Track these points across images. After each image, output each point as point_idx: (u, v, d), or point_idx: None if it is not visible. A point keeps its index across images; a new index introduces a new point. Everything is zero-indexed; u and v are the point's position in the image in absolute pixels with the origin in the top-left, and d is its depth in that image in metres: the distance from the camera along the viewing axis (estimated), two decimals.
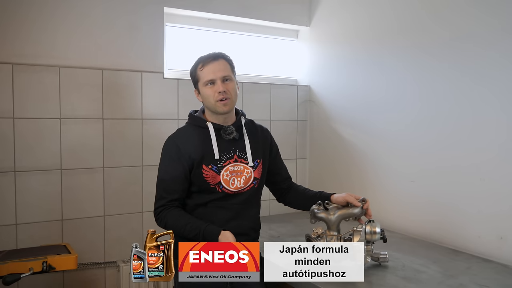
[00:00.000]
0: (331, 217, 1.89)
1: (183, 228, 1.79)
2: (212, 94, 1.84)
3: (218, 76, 1.84)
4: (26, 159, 2.39)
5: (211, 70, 1.84)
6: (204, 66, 1.85)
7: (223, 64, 1.87)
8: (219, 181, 1.85)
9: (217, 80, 1.84)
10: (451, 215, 2.27)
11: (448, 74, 2.28)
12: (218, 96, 1.83)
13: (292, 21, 3.22)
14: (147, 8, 2.67)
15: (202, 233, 1.76)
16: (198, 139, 1.86)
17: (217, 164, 1.85)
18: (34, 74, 2.39)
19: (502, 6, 2.05)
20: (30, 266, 1.92)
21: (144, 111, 2.69)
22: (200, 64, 1.87)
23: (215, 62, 1.85)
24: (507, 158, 2.03)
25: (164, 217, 1.82)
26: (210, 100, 1.85)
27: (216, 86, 1.84)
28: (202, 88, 1.87)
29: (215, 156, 1.84)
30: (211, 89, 1.84)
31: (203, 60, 1.87)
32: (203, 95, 1.88)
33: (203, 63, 1.86)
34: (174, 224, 1.80)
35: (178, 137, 1.90)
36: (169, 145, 1.89)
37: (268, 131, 2.07)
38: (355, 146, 2.87)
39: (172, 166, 1.85)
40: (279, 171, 2.09)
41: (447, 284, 1.72)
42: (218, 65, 1.85)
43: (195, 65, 1.90)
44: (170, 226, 1.79)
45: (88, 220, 2.56)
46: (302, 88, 3.28)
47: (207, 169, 1.83)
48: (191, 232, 1.78)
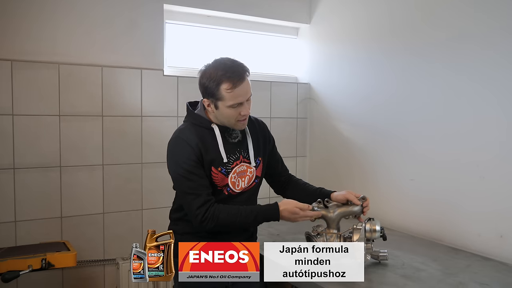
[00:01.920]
0: (331, 215, 1.89)
1: (237, 215, 1.73)
2: (235, 116, 1.74)
3: (245, 98, 1.74)
4: (26, 156, 2.38)
5: (240, 93, 1.70)
6: (234, 89, 1.68)
7: (248, 83, 1.73)
8: (227, 183, 1.82)
9: (244, 102, 1.72)
10: (451, 213, 2.27)
11: (447, 72, 2.28)
12: (241, 117, 1.75)
13: (293, 19, 3.21)
14: (147, 5, 2.66)
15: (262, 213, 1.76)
16: (204, 140, 1.78)
17: (226, 166, 1.80)
18: (33, 71, 2.38)
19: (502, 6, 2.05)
20: (29, 263, 1.92)
21: (143, 108, 2.68)
22: (227, 84, 1.68)
23: (243, 83, 1.70)
24: (507, 156, 2.03)
25: (213, 212, 1.71)
26: (230, 119, 1.76)
27: (242, 108, 1.73)
28: (224, 108, 1.72)
29: (224, 159, 1.79)
30: (236, 110, 1.72)
31: (232, 79, 1.68)
32: (223, 113, 1.74)
33: (233, 84, 1.68)
34: (227, 215, 1.73)
35: (186, 137, 1.77)
36: (182, 145, 1.76)
37: (265, 124, 2.01)
38: (355, 144, 2.87)
39: (196, 166, 1.74)
40: (276, 163, 2.06)
41: (447, 282, 1.72)
42: (246, 86, 1.72)
43: (217, 81, 1.69)
44: (223, 219, 1.72)
45: (87, 218, 2.55)
46: (302, 86, 3.28)
47: (216, 172, 1.78)
48: (248, 216, 1.74)
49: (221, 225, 1.72)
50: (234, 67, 1.71)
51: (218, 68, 1.71)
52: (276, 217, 1.79)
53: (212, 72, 1.71)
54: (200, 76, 1.76)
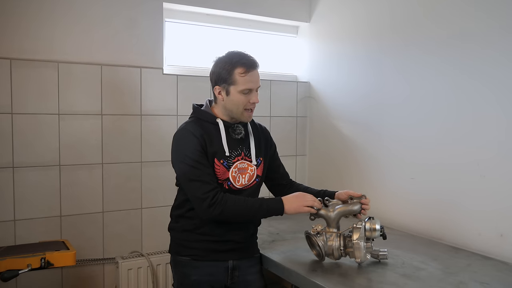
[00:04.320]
0: (331, 214, 1.88)
1: (244, 204, 1.77)
2: (244, 102, 1.81)
3: (256, 86, 1.82)
4: (25, 155, 2.38)
5: (253, 79, 1.80)
6: (247, 73, 1.78)
7: (258, 74, 1.84)
8: (228, 177, 1.85)
9: (254, 90, 1.81)
10: (451, 212, 2.26)
11: (447, 70, 2.27)
12: (250, 105, 1.82)
13: (292, 17, 3.21)
14: (146, 4, 2.65)
15: (266, 201, 1.81)
16: (209, 133, 1.83)
17: (228, 160, 1.84)
18: (32, 70, 2.38)
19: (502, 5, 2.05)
20: (28, 262, 1.91)
21: (143, 107, 2.68)
22: (242, 68, 1.78)
23: (255, 71, 1.82)
24: (508, 155, 2.02)
25: (222, 197, 1.74)
26: (239, 107, 1.82)
27: (252, 96, 1.81)
28: (235, 93, 1.79)
29: (226, 152, 1.83)
30: (246, 97, 1.80)
31: (246, 66, 1.79)
32: (233, 99, 1.81)
33: (247, 68, 1.78)
34: (234, 203, 1.76)
35: (192, 129, 1.82)
36: (188, 136, 1.80)
37: (267, 129, 2.08)
38: (355, 143, 2.87)
39: (201, 156, 1.78)
40: (278, 168, 2.11)
41: (447, 281, 1.71)
42: (257, 75, 1.83)
43: (232, 65, 1.78)
44: (230, 206, 1.74)
45: (86, 216, 2.55)
46: (302, 85, 3.27)
47: (218, 164, 1.82)
48: (253, 205, 1.78)
49: (227, 212, 1.74)
50: (248, 56, 1.83)
51: (233, 56, 1.82)
52: (280, 205, 1.82)
53: (227, 60, 1.81)
54: (214, 65, 1.86)
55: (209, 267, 1.88)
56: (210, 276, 1.88)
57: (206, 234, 1.87)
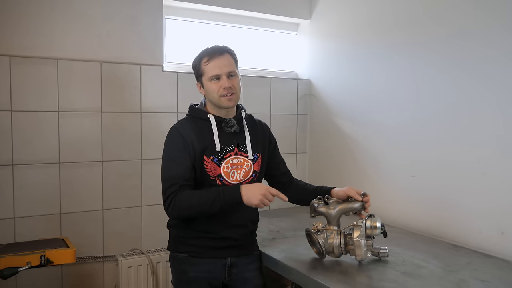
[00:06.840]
0: (331, 211, 1.88)
1: (198, 199, 1.74)
2: (217, 90, 1.82)
3: (224, 71, 1.81)
4: (24, 152, 2.37)
5: (217, 65, 1.81)
6: (210, 61, 1.81)
7: (228, 59, 1.84)
8: (220, 173, 1.84)
9: (222, 75, 1.81)
10: (451, 210, 2.26)
11: (447, 69, 2.26)
12: (223, 91, 1.81)
13: (293, 14, 3.20)
14: (146, 1, 2.64)
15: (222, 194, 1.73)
16: (200, 130, 1.85)
17: (218, 156, 1.84)
18: (32, 67, 2.37)
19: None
20: (28, 260, 1.91)
21: (143, 104, 2.67)
22: (205, 58, 1.83)
23: (221, 57, 1.82)
24: (509, 153, 2.02)
25: (176, 200, 1.75)
26: (214, 95, 1.83)
27: (221, 81, 1.81)
28: (206, 83, 1.84)
29: (217, 148, 1.83)
30: (216, 84, 1.82)
31: (209, 54, 1.82)
32: (207, 89, 1.85)
33: (209, 57, 1.82)
34: (188, 201, 1.74)
35: (181, 128, 1.86)
36: (174, 136, 1.86)
37: (267, 126, 2.07)
38: (355, 140, 2.86)
39: (179, 155, 1.81)
40: (278, 165, 2.10)
41: (447, 279, 1.71)
42: (224, 60, 1.82)
43: (199, 58, 1.85)
44: (184, 206, 1.74)
45: (86, 214, 2.55)
46: (302, 82, 3.26)
47: (208, 160, 1.82)
48: (209, 197, 1.72)
49: (184, 211, 1.77)
50: (215, 47, 1.86)
51: (201, 51, 1.88)
52: (236, 189, 1.73)
53: (196, 56, 1.89)
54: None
55: (207, 264, 1.88)
56: (207, 273, 1.88)
57: (204, 231, 1.87)
